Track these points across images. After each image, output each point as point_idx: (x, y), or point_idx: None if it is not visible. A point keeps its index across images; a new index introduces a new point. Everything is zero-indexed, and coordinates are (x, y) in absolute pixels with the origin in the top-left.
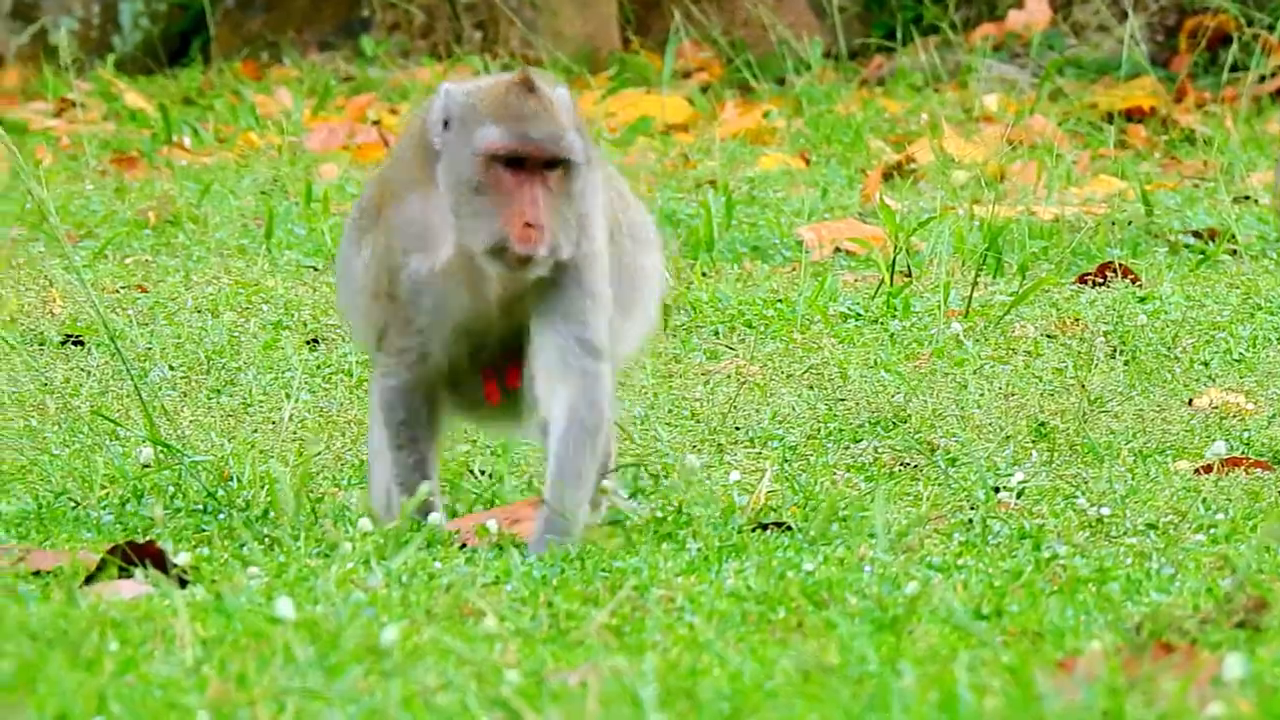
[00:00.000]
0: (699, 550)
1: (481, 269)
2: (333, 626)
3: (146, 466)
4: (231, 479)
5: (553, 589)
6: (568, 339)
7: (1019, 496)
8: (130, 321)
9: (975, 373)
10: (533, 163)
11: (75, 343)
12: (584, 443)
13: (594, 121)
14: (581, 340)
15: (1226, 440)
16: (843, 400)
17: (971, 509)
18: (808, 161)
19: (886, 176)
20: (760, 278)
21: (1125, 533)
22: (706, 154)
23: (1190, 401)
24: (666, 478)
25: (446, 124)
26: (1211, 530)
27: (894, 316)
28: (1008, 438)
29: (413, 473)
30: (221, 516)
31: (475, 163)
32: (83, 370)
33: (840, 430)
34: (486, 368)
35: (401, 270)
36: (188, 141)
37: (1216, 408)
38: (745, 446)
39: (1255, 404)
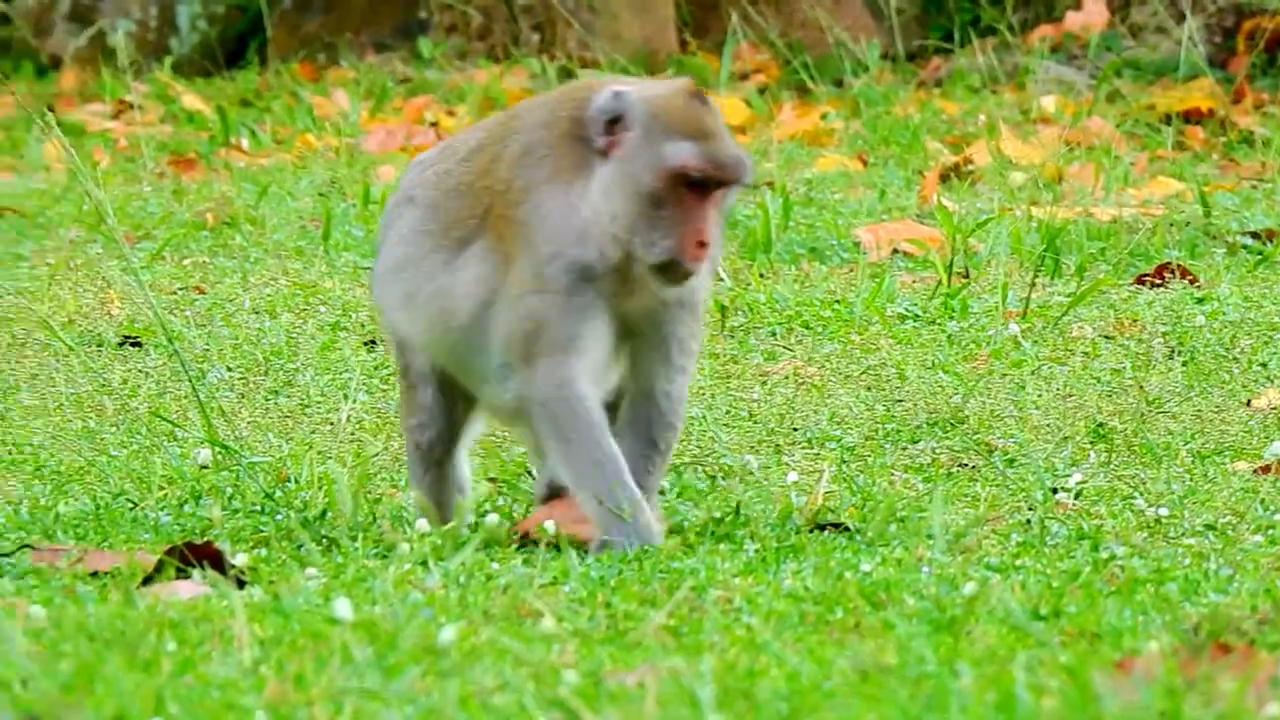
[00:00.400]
0: (757, 551)
1: (632, 269)
2: (390, 627)
3: (204, 468)
4: (289, 480)
5: (610, 590)
6: (671, 365)
7: (1077, 497)
8: (188, 323)
9: (1033, 373)
10: (713, 184)
11: (133, 344)
12: (655, 464)
13: None
14: (681, 368)
15: None
16: (900, 401)
17: (1029, 510)
18: (865, 163)
19: (944, 178)
20: (818, 279)
21: (1183, 533)
22: (764, 155)
23: (1249, 402)
24: (724, 479)
25: (612, 125)
26: (1270, 531)
27: (952, 317)
28: (1066, 438)
29: (614, 466)
30: (279, 517)
31: (660, 175)
32: (141, 372)
33: (898, 431)
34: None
35: (555, 261)
36: (245, 143)
37: (1275, 408)
38: (803, 447)
39: None
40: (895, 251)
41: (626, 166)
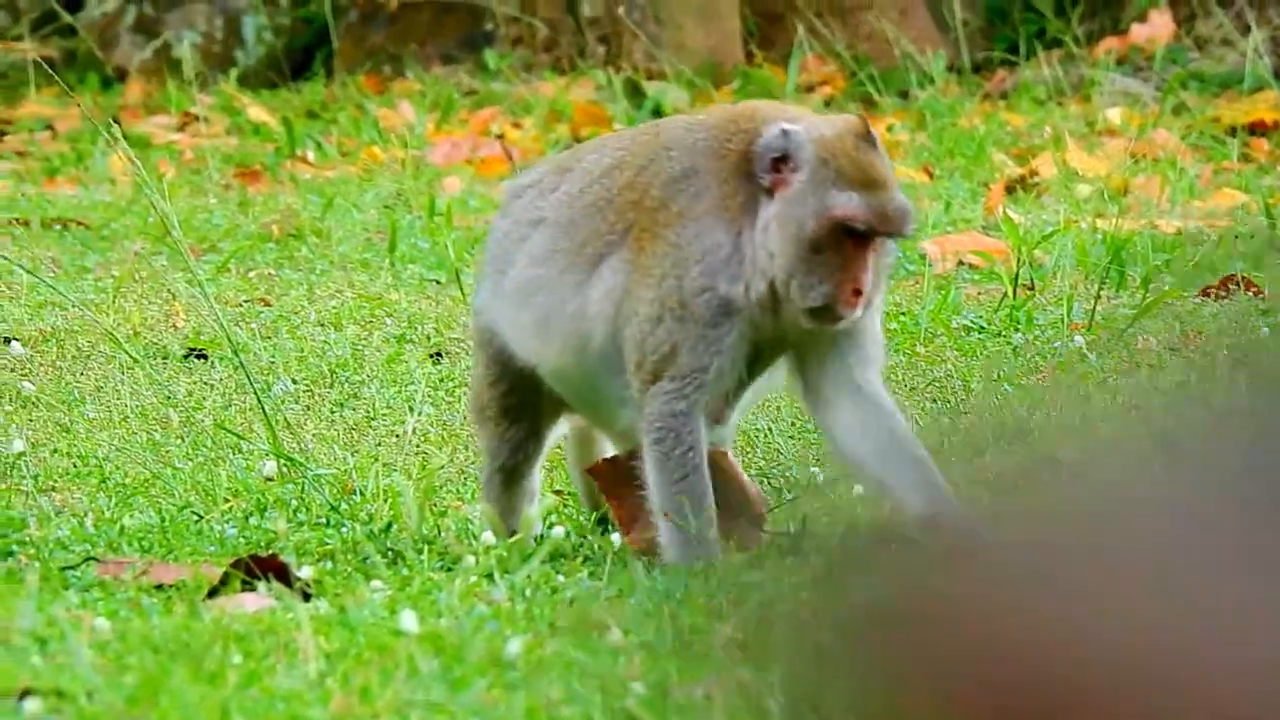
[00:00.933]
0: (824, 564)
1: (785, 303)
2: (456, 640)
3: (270, 480)
4: (355, 492)
5: (677, 603)
6: (850, 343)
7: None
8: (253, 335)
9: (1098, 386)
10: (875, 235)
11: (198, 356)
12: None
13: None
14: (859, 341)
15: None
16: (966, 413)
17: None
18: (931, 175)
19: (1009, 190)
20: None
21: None
22: None
23: None
24: (790, 491)
25: (778, 162)
26: None
27: (1017, 329)
28: None
29: (704, 500)
30: (344, 530)
31: (822, 223)
32: (206, 384)
33: (963, 444)
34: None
35: (704, 293)
36: (311, 155)
37: None
38: None
39: None
40: (960, 263)
41: (791, 209)
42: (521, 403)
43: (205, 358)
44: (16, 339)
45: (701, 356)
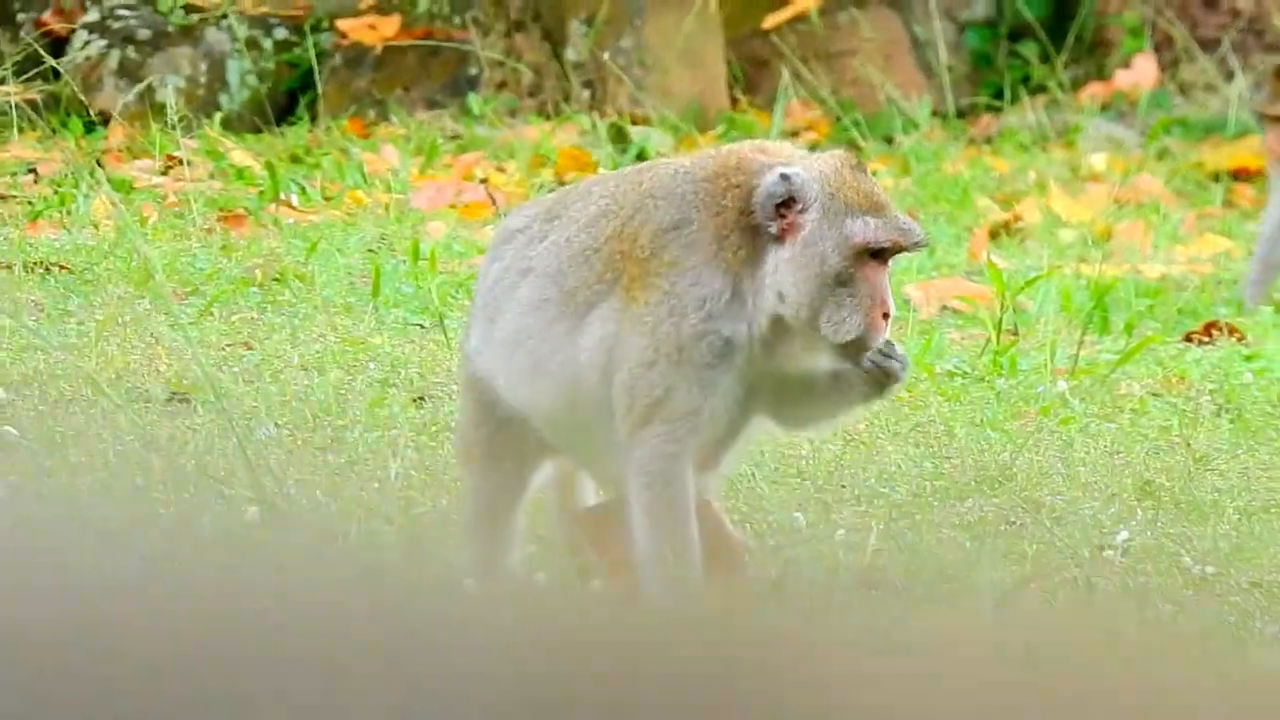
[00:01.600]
0: (805, 609)
1: (787, 339)
2: None
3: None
4: (337, 538)
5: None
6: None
7: (1124, 555)
8: (236, 379)
9: (1081, 431)
10: (893, 253)
11: (181, 400)
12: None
13: None
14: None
15: None
16: (949, 458)
17: (1076, 567)
18: (916, 219)
19: (994, 235)
20: None
21: (1229, 591)
22: None
23: None
24: (772, 536)
25: (783, 208)
26: None
27: (1000, 375)
28: (1113, 496)
29: (690, 547)
30: None
31: (845, 254)
32: (188, 428)
33: (946, 488)
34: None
35: (705, 337)
36: (294, 199)
37: None
38: (851, 505)
39: None
40: (944, 308)
41: (808, 249)
42: (507, 446)
43: (188, 402)
44: None
45: (695, 398)
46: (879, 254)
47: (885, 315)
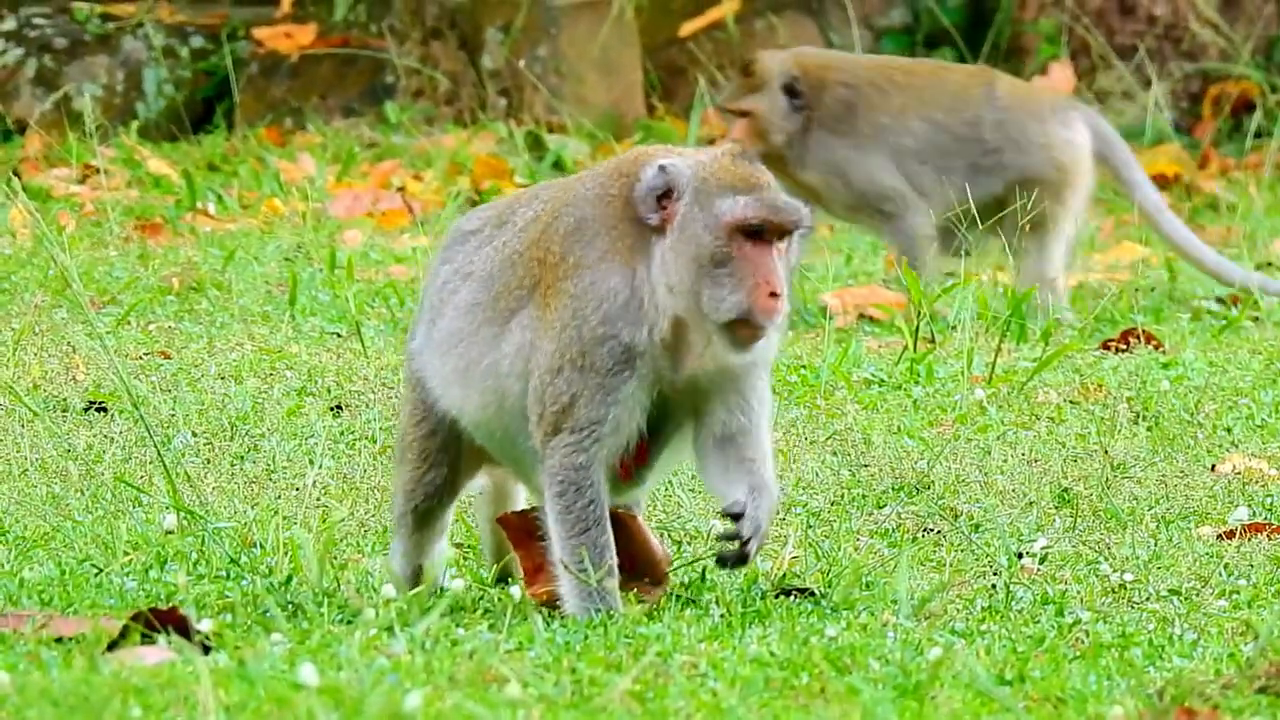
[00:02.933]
0: (722, 616)
1: (691, 341)
2: (356, 693)
3: (170, 533)
4: (255, 545)
5: (576, 655)
6: (745, 422)
7: (1042, 562)
8: (153, 388)
9: (998, 438)
10: (772, 232)
11: (98, 409)
12: (766, 510)
13: None
14: (758, 426)
15: (1249, 506)
16: (866, 466)
17: (994, 574)
18: (832, 228)
19: None
20: (784, 344)
21: (1148, 598)
22: None
23: (1213, 467)
24: (689, 543)
25: (663, 199)
26: (1234, 596)
27: (917, 382)
28: (1031, 503)
29: (605, 554)
30: (244, 583)
31: (718, 233)
32: (106, 437)
33: (864, 496)
34: (631, 446)
35: (605, 342)
36: (211, 208)
37: (1239, 473)
38: None
39: (1277, 469)
40: (861, 316)
41: (684, 233)
42: (443, 447)
43: (105, 410)
44: None
45: (599, 408)
46: (757, 234)
47: (773, 295)
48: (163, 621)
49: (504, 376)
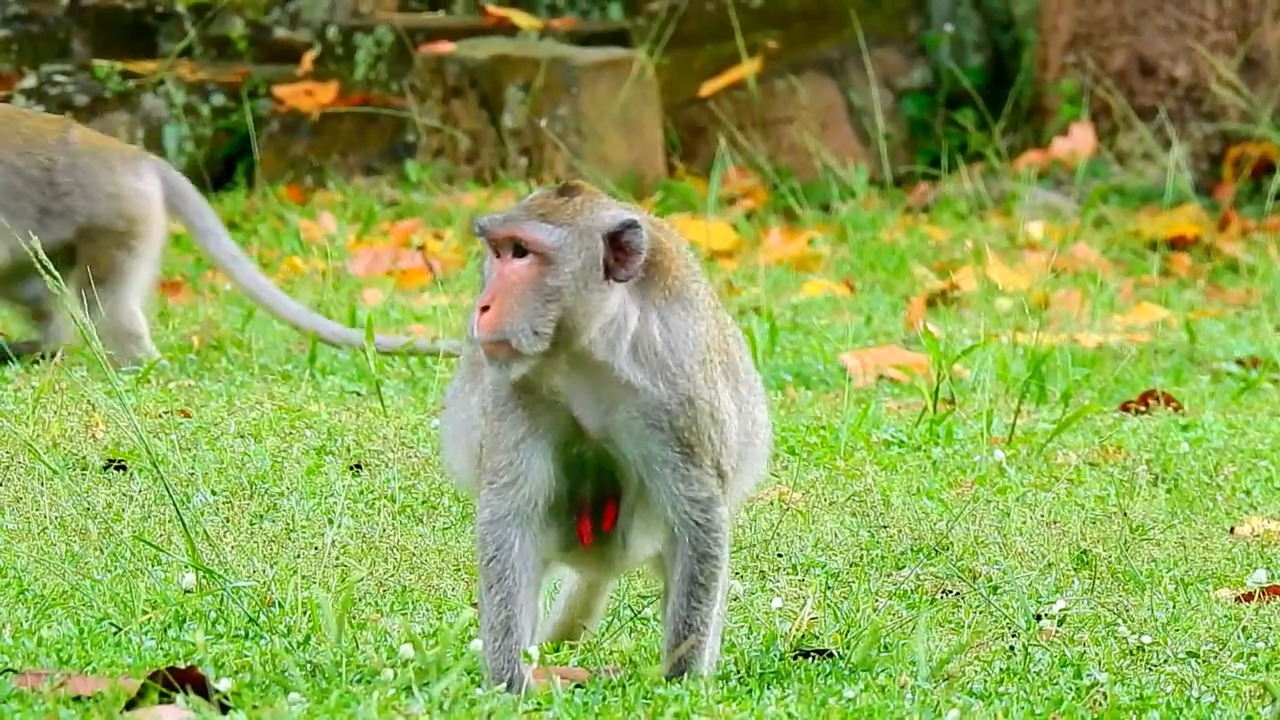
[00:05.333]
0: (740, 677)
1: (554, 386)
2: None
3: (188, 592)
4: (273, 604)
5: (595, 716)
6: (676, 496)
7: (1060, 624)
8: (173, 446)
9: (1018, 500)
10: (498, 246)
11: (118, 467)
12: (700, 599)
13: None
14: (692, 499)
15: (1268, 569)
16: (885, 527)
17: (1013, 636)
18: (852, 288)
19: (930, 303)
20: (804, 404)
21: (1166, 660)
22: (751, 280)
23: (1232, 530)
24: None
25: None
26: (1252, 659)
27: (937, 444)
28: (1050, 565)
29: (498, 614)
30: (263, 642)
31: (484, 253)
32: (125, 495)
33: (882, 557)
34: (583, 507)
35: (497, 386)
36: None
37: (1258, 536)
38: (788, 573)
39: None
40: (881, 377)
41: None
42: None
43: (124, 469)
44: None
45: (496, 455)
46: (495, 251)
47: (483, 309)
48: (181, 681)
49: (472, 430)
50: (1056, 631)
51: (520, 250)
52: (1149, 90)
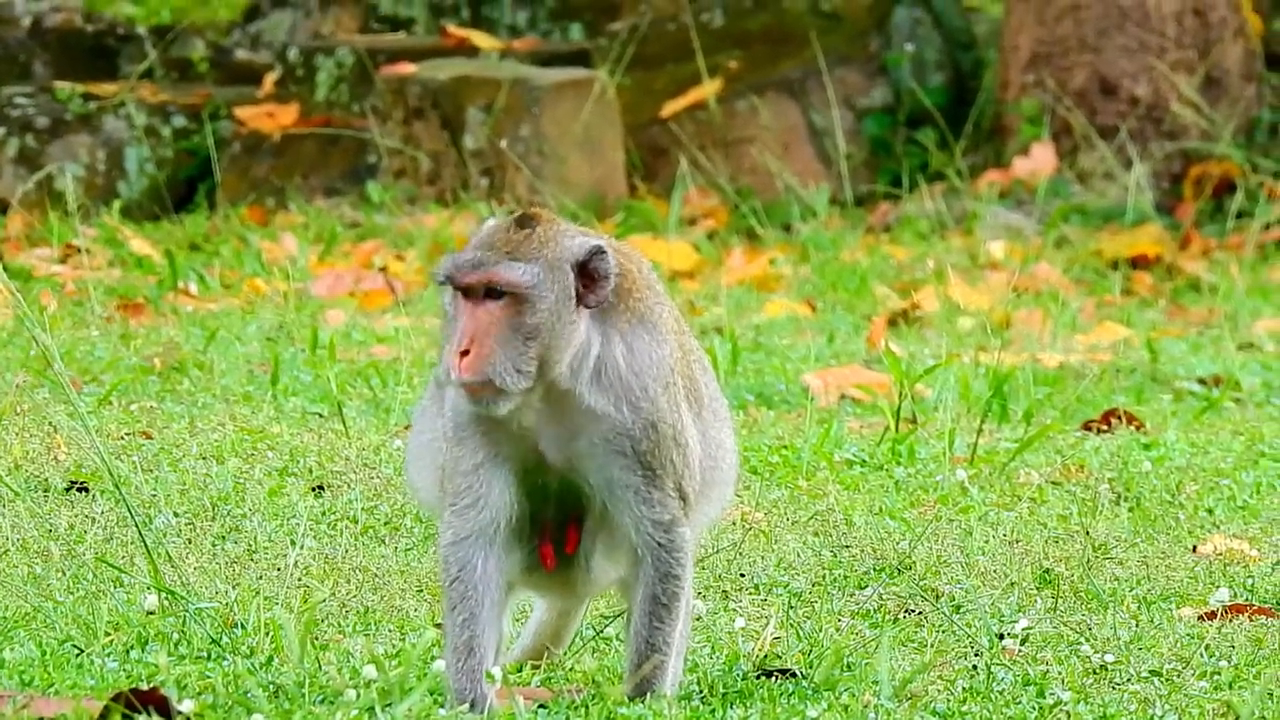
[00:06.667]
0: (703, 697)
1: (523, 420)
2: None
3: (151, 613)
4: (236, 626)
5: None
6: (639, 518)
7: (1023, 643)
8: (135, 468)
9: (980, 519)
10: (469, 290)
11: (80, 489)
12: (662, 618)
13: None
14: (655, 521)
15: (1230, 587)
16: (848, 547)
17: (976, 655)
18: (814, 308)
19: (892, 323)
20: (766, 424)
21: (1129, 679)
22: (713, 301)
23: (1194, 548)
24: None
25: None
26: (1215, 677)
27: (899, 463)
28: (1012, 584)
29: (461, 635)
30: (226, 663)
31: (441, 292)
32: (87, 517)
33: (845, 577)
34: (545, 530)
35: (458, 413)
36: (193, 288)
37: (1220, 554)
38: (750, 593)
39: (1259, 550)
40: (843, 397)
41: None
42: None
43: (87, 490)
44: None
45: (457, 479)
46: (465, 292)
47: (462, 353)
48: (144, 702)
49: (436, 451)
50: (1019, 650)
51: (494, 291)
52: (1110, 109)
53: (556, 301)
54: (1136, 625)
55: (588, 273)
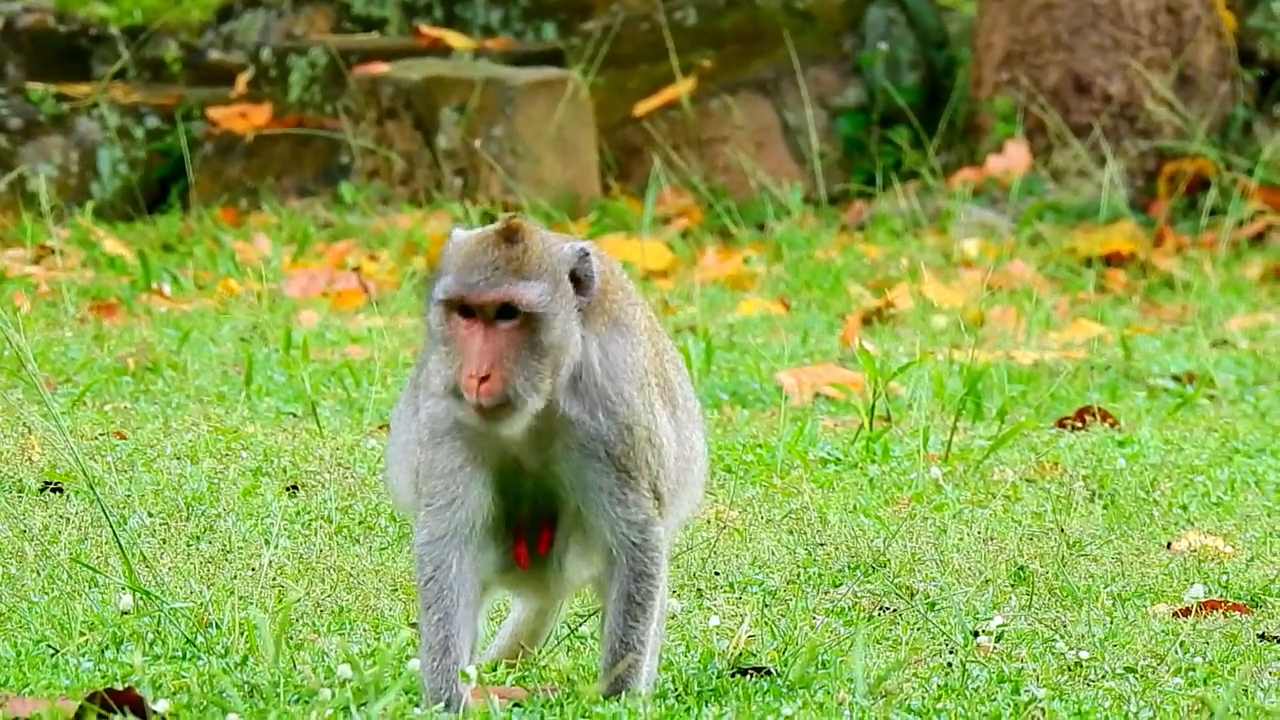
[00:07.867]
0: (678, 695)
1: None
2: None
3: (125, 613)
4: (211, 625)
5: None
6: (614, 519)
7: (998, 640)
8: (109, 468)
9: (954, 517)
10: (481, 311)
11: (54, 490)
12: (637, 617)
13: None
14: (629, 521)
15: (1205, 583)
16: (822, 545)
17: (951, 653)
18: (787, 307)
19: (866, 321)
20: (740, 423)
21: (1104, 676)
22: (687, 300)
23: (1169, 545)
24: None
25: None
26: (1190, 673)
27: (873, 461)
28: (987, 581)
29: (436, 634)
30: (201, 663)
31: (437, 311)
32: (61, 517)
33: (820, 575)
34: (520, 530)
35: (431, 418)
36: (167, 288)
37: (1195, 551)
38: (725, 591)
39: (1233, 547)
40: (817, 395)
41: (427, 313)
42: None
43: (61, 491)
44: None
45: (429, 480)
46: (468, 311)
47: (472, 376)
48: (119, 702)
49: (414, 451)
50: (994, 648)
51: (506, 310)
52: (1083, 107)
53: (565, 314)
54: (1111, 622)
55: (576, 277)
